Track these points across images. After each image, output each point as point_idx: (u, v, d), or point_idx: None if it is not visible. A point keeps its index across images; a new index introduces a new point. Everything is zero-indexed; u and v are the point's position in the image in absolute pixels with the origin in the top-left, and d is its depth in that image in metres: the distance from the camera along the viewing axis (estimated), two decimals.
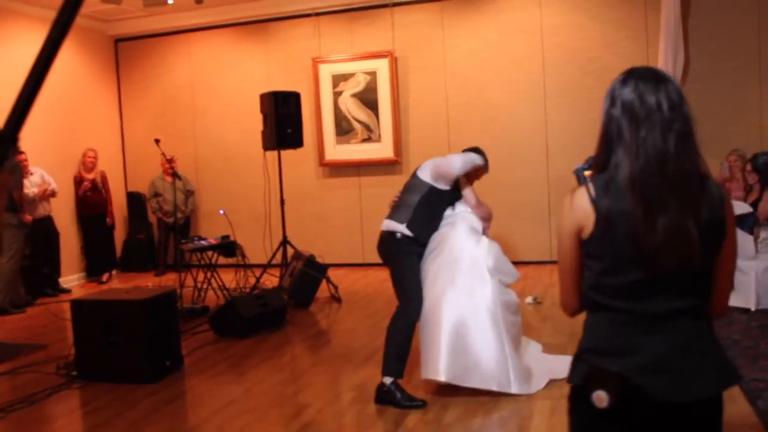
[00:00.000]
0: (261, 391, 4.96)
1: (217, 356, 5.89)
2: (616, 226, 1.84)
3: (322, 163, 9.89)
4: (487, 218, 5.06)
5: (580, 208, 1.89)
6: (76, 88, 10.12)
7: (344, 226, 9.91)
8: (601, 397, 1.83)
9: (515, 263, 5.29)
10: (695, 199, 1.84)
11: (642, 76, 1.97)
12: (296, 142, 8.06)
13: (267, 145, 8.02)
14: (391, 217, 4.80)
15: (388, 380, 4.53)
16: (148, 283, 9.15)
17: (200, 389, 5.11)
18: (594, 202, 1.87)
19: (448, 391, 4.62)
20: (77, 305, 5.44)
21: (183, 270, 8.16)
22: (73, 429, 4.52)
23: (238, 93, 10.28)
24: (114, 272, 10.19)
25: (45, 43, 1.01)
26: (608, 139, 1.95)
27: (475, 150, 5.13)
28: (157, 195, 10.02)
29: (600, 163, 1.95)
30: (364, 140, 9.65)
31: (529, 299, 7.14)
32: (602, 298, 1.91)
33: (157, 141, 8.08)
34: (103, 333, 5.26)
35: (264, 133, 8.04)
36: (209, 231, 9.59)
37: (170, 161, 8.98)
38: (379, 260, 4.90)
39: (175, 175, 9.17)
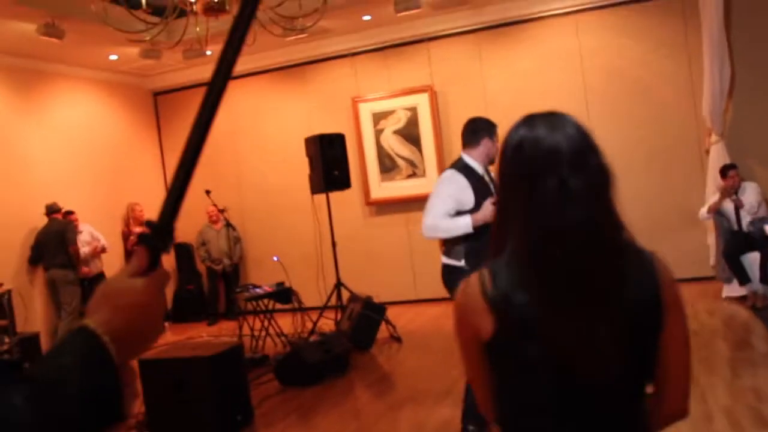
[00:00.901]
0: None
1: (286, 407, 5.81)
2: (515, 328, 1.43)
3: (369, 202, 9.85)
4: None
5: (473, 303, 1.48)
6: (119, 143, 10.24)
7: (395, 264, 9.84)
8: None
9: None
10: (611, 282, 1.42)
11: (539, 116, 1.57)
12: (344, 183, 8.04)
13: (315, 188, 8.01)
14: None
15: (471, 427, 4.41)
16: (202, 333, 9.13)
17: None
18: (486, 294, 1.45)
19: None
20: (145, 364, 5.41)
21: (236, 318, 8.14)
22: None
23: (280, 137, 10.31)
24: (167, 324, 10.19)
25: (194, 126, 0.97)
26: (501, 205, 1.56)
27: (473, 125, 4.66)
28: (204, 244, 10.04)
29: (497, 239, 1.54)
30: (409, 176, 9.60)
31: None
32: (511, 417, 1.54)
33: (207, 192, 8.11)
34: (173, 391, 5.21)
35: (311, 177, 8.03)
36: (259, 278, 9.56)
37: (222, 212, 8.99)
38: (431, 296, 4.80)
39: (228, 225, 9.16)
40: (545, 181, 1.43)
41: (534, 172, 1.45)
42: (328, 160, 7.88)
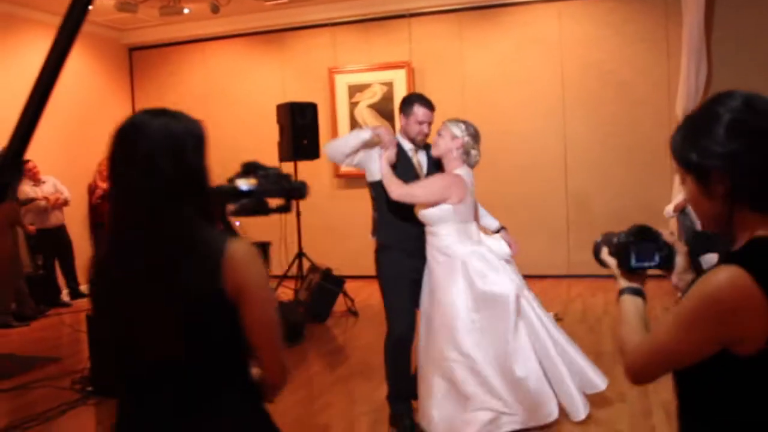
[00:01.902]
0: (280, 412, 4.81)
1: None
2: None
3: (338, 175, 9.79)
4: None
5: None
6: (90, 96, 10.05)
7: (359, 238, 9.74)
8: None
9: (532, 277, 5.16)
10: (168, 274, 1.60)
11: (149, 111, 1.77)
12: (313, 153, 7.96)
13: (283, 156, 7.93)
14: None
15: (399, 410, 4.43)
16: None
17: None
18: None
19: None
20: (90, 320, 5.34)
21: None
22: None
23: (253, 103, 10.19)
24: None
25: (48, 57, 0.92)
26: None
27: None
28: None
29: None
30: None
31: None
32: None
33: None
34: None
35: (280, 144, 7.96)
36: None
37: None
38: None
39: None
40: (122, 178, 1.65)
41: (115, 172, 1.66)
42: (299, 129, 7.81)
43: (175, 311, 1.61)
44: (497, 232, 4.56)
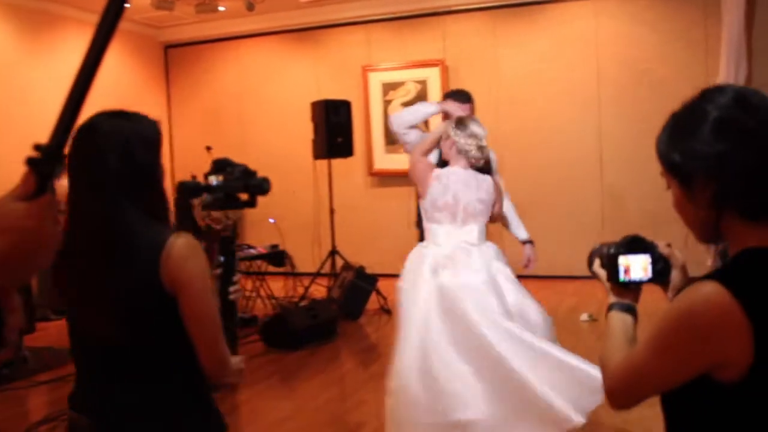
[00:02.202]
0: (314, 408, 4.87)
1: (268, 369, 5.81)
2: None
3: (371, 173, 9.79)
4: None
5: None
6: (126, 93, 10.15)
7: (392, 237, 9.78)
8: None
9: (567, 278, 5.07)
10: (110, 265, 1.75)
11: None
12: (347, 151, 7.99)
13: (317, 154, 7.96)
14: None
15: None
16: None
17: (252, 404, 5.03)
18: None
19: None
20: None
21: None
22: None
23: (287, 101, 10.24)
24: None
25: (88, 52, 0.92)
26: None
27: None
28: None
29: None
30: None
31: (584, 316, 6.95)
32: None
33: (208, 148, 8.06)
34: None
35: (315, 142, 7.98)
36: (255, 239, 9.53)
37: None
38: None
39: None
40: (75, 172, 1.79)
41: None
42: (333, 127, 7.83)
43: (117, 300, 1.74)
44: (524, 243, 4.56)
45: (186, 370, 1.81)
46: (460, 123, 3.98)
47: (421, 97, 9.42)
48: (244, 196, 2.14)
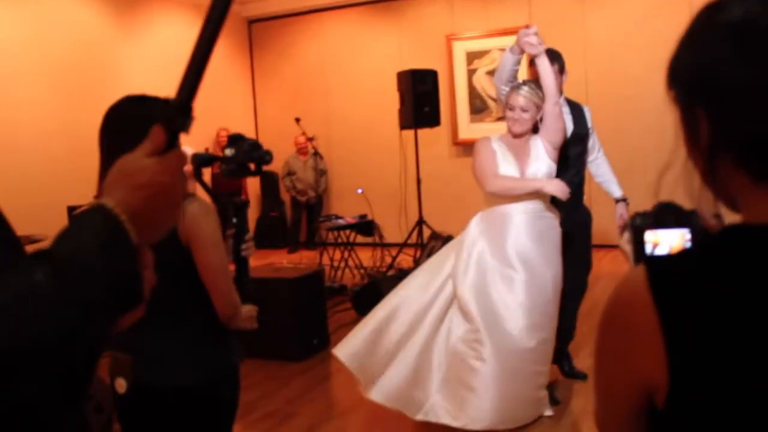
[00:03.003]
0: None
1: None
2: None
3: (456, 142, 9.73)
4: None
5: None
6: (210, 68, 10.12)
7: (479, 205, 9.73)
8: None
9: None
10: None
11: None
12: (433, 120, 7.94)
13: (404, 124, 7.94)
14: None
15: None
16: (282, 260, 9.27)
17: (349, 371, 5.08)
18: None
19: None
20: None
21: (317, 248, 8.22)
22: None
23: (370, 72, 10.23)
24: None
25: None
26: None
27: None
28: (291, 174, 10.13)
29: None
30: (499, 119, 9.38)
31: None
32: None
33: (297, 120, 8.15)
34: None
35: (401, 112, 7.96)
36: (342, 210, 9.61)
37: (311, 140, 9.01)
38: None
39: (316, 154, 9.18)
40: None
41: None
42: (419, 96, 7.78)
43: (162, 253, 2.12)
44: (618, 202, 4.55)
45: (204, 314, 2.13)
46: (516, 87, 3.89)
47: None
48: (252, 166, 2.41)
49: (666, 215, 1.17)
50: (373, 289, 6.41)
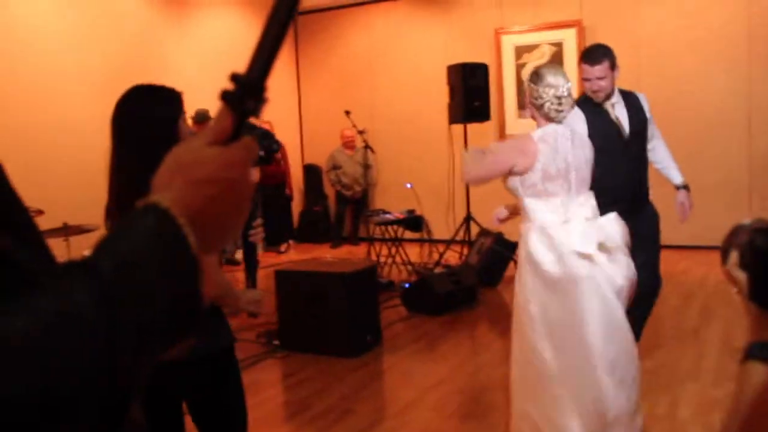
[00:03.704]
0: (468, 372, 4.81)
1: (413, 333, 5.80)
2: None
3: (503, 137, 9.60)
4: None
5: None
6: None
7: None
8: None
9: (709, 248, 4.84)
10: None
11: None
12: (484, 114, 7.83)
13: (454, 118, 7.84)
14: None
15: None
16: (326, 255, 9.23)
17: (403, 366, 5.02)
18: None
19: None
20: (282, 275, 5.48)
21: (360, 243, 8.14)
22: (286, 398, 4.55)
23: (418, 66, 10.13)
24: (291, 243, 10.35)
25: None
26: None
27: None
28: (336, 168, 10.07)
29: None
30: None
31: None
32: None
33: (347, 113, 8.09)
34: (307, 304, 5.26)
35: (450, 106, 7.86)
36: (387, 204, 9.54)
37: (362, 133, 8.90)
38: None
39: (366, 148, 9.06)
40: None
41: None
42: (470, 90, 7.68)
43: None
44: (678, 189, 4.39)
45: None
46: (535, 74, 3.38)
47: (557, 59, 9.12)
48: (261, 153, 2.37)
49: None
50: (424, 285, 6.33)
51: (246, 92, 0.74)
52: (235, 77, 0.74)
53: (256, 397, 4.55)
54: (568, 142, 3.31)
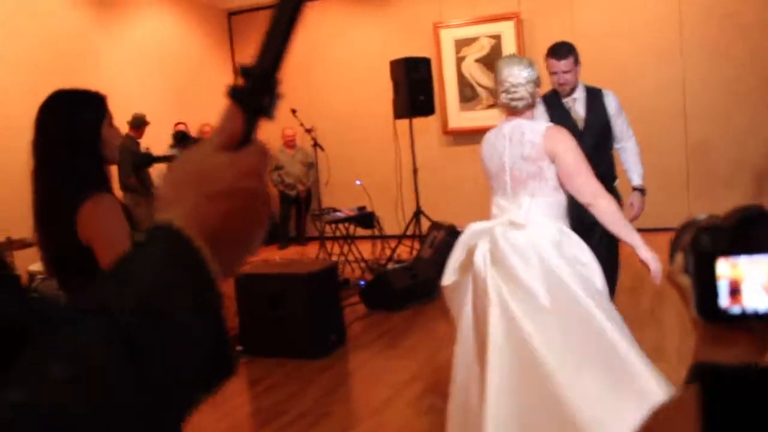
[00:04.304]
0: (436, 367, 4.79)
1: (375, 330, 5.76)
2: None
3: (446, 131, 9.63)
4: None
5: None
6: (190, 61, 10.07)
7: (472, 195, 9.63)
8: None
9: (651, 230, 4.97)
10: (44, 219, 2.26)
11: None
12: (428, 109, 7.83)
13: (399, 113, 7.81)
14: None
15: None
16: (275, 257, 9.10)
17: (372, 364, 4.98)
18: None
19: None
20: (240, 279, 5.36)
21: (307, 242, 8.05)
22: (256, 406, 4.44)
23: (356, 63, 10.07)
24: None
25: None
26: None
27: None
28: (278, 168, 9.94)
29: None
30: (490, 106, 9.31)
31: None
32: None
33: (293, 111, 7.98)
34: (268, 307, 5.17)
35: (395, 101, 7.83)
36: (337, 202, 9.44)
37: (310, 131, 8.75)
38: None
39: (315, 145, 8.88)
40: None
41: None
42: (414, 85, 7.67)
43: (51, 246, 2.21)
44: (634, 190, 4.60)
45: None
46: (495, 68, 3.27)
47: (496, 52, 9.19)
48: None
49: (755, 230, 0.68)
50: (383, 282, 6.29)
51: (254, 87, 0.65)
52: (245, 70, 0.66)
53: (222, 408, 4.44)
54: (505, 141, 3.14)
